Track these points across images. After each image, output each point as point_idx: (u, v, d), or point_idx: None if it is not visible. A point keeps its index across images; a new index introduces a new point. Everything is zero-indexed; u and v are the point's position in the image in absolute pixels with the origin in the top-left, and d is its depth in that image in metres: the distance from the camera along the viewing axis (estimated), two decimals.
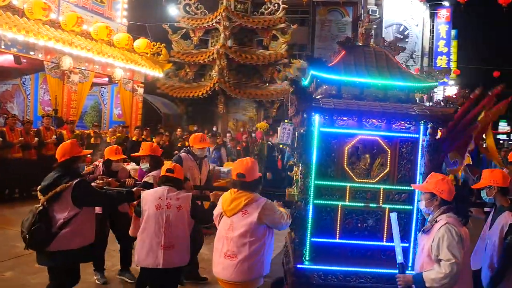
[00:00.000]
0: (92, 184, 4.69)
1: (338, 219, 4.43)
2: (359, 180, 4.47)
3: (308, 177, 4.43)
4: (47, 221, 3.99)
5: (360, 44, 5.14)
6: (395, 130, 4.49)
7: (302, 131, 4.51)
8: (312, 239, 4.37)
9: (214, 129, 17.09)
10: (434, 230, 3.38)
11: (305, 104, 4.27)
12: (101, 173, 5.63)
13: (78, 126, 13.80)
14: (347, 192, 4.45)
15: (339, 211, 4.44)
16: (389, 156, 4.51)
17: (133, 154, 6.20)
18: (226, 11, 17.63)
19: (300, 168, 4.67)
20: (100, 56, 13.05)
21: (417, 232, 4.23)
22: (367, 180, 4.48)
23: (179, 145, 11.38)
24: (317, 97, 4.51)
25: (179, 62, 18.84)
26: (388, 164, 4.51)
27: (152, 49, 16.00)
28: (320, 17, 29.33)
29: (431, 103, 4.87)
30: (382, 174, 4.50)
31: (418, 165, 4.49)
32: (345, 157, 4.47)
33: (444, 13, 32.82)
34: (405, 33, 30.73)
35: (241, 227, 3.67)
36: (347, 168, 4.47)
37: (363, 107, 4.36)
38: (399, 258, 3.58)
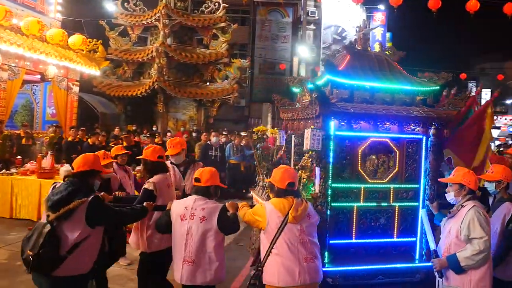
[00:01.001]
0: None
1: (354, 220, 4.61)
2: (372, 181, 4.72)
3: (327, 181, 4.53)
4: (55, 242, 3.44)
5: (360, 49, 5.33)
6: (403, 132, 4.78)
7: (321, 135, 4.50)
8: (330, 242, 4.52)
9: (154, 128, 16.80)
10: (461, 213, 3.71)
11: (327, 109, 4.36)
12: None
13: (8, 126, 13.06)
14: (362, 193, 4.66)
15: (355, 212, 4.63)
16: (397, 156, 4.81)
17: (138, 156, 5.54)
18: (166, 9, 17.36)
19: (318, 171, 4.65)
20: (31, 52, 12.41)
21: (423, 227, 4.54)
22: (379, 181, 4.72)
23: (111, 144, 11.03)
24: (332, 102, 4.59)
25: (117, 60, 18.33)
26: (397, 165, 4.81)
27: (88, 45, 15.42)
28: (261, 17, 29.56)
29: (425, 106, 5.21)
30: (392, 174, 4.78)
31: (423, 164, 4.84)
32: (359, 159, 4.67)
33: (379, 17, 33.98)
34: (343, 34, 31.52)
35: (311, 230, 3.79)
36: (361, 170, 4.68)
37: (379, 111, 4.61)
38: (432, 245, 4.00)
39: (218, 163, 11.15)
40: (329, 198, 4.50)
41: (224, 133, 16.17)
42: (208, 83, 18.82)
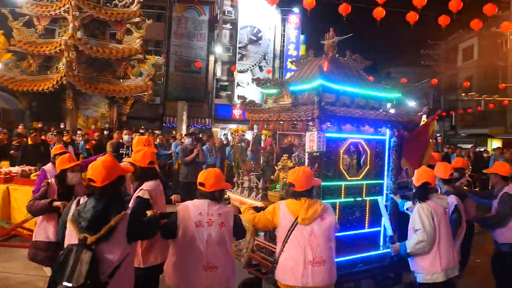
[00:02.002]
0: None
1: (337, 215, 4.87)
2: (350, 179, 5.13)
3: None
4: (97, 269, 2.95)
5: (330, 56, 5.62)
6: (373, 133, 5.25)
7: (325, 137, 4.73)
8: None
9: (62, 126, 15.91)
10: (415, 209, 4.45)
11: (324, 112, 4.60)
12: (55, 191, 4.65)
13: None
14: (342, 190, 5.05)
15: (337, 207, 4.98)
16: (368, 155, 5.28)
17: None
18: (76, 0, 16.50)
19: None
20: None
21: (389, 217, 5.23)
22: (355, 178, 5.17)
23: (14, 143, 10.32)
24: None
25: (21, 52, 17.13)
26: (368, 163, 5.28)
27: None
28: (177, 14, 29.17)
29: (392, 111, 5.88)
30: (364, 171, 5.25)
31: (386, 162, 5.44)
32: (341, 158, 5.05)
33: (294, 19, 34.88)
34: (259, 35, 31.99)
35: (324, 232, 3.78)
36: (342, 169, 5.07)
37: (364, 115, 5.07)
38: (389, 232, 4.77)
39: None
40: (321, 196, 4.74)
41: (141, 131, 15.73)
42: (121, 80, 18.20)
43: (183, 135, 13.43)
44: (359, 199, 5.16)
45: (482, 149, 21.84)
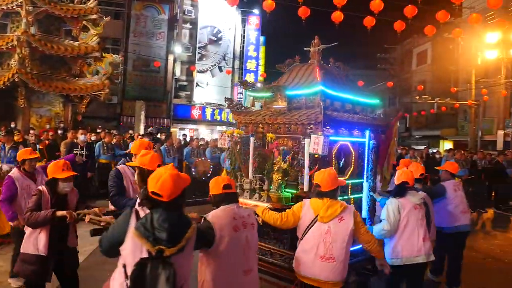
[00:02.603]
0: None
1: None
2: (340, 178, 5.12)
3: None
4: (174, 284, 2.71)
5: (321, 63, 5.95)
6: (357, 136, 5.54)
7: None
8: None
9: (13, 125, 15.31)
10: None
11: (327, 117, 4.96)
12: (49, 201, 4.30)
13: None
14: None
15: None
16: (353, 156, 5.61)
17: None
18: None
19: (307, 171, 5.00)
20: None
21: (368, 212, 5.74)
22: (343, 177, 5.28)
23: None
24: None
25: None
26: (353, 163, 5.61)
27: None
28: (136, 12, 28.71)
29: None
30: (350, 171, 5.59)
31: (365, 162, 5.78)
32: (333, 160, 5.29)
33: (254, 20, 35.05)
34: (219, 35, 31.93)
35: (340, 232, 4.01)
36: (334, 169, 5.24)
37: (355, 119, 5.52)
38: None
39: (84, 162, 10.55)
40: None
41: (98, 130, 15.34)
42: (76, 78, 17.69)
43: (140, 135, 13.22)
44: (346, 197, 5.48)
45: (434, 150, 22.62)
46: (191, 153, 13.45)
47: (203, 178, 13.30)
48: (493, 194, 15.48)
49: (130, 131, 20.06)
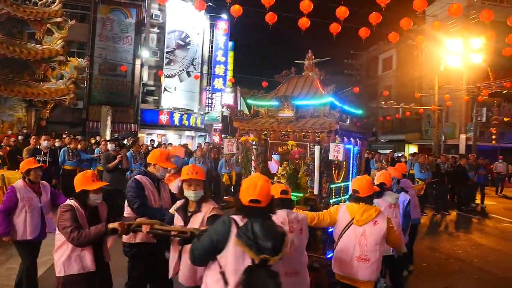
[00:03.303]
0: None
1: None
2: (336, 181, 5.94)
3: (330, 183, 5.70)
4: None
5: (316, 75, 6.40)
6: (347, 143, 5.95)
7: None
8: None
9: None
10: None
11: (341, 127, 5.56)
12: (83, 215, 3.92)
13: None
14: (334, 190, 5.85)
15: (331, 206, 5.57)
16: (345, 162, 6.05)
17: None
18: None
19: (317, 176, 5.58)
20: None
21: None
22: (338, 181, 5.96)
23: None
24: None
25: None
26: (344, 168, 6.10)
27: None
28: (102, 15, 28.28)
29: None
30: (342, 175, 6.08)
31: (351, 166, 6.30)
32: (333, 165, 5.71)
33: (222, 25, 34.99)
34: (187, 40, 31.77)
35: (374, 235, 4.26)
36: (333, 173, 5.83)
37: (357, 128, 6.34)
38: None
39: (48, 169, 10.26)
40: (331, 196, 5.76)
41: (64, 136, 14.99)
42: (40, 82, 17.29)
43: (105, 141, 12.99)
44: (339, 198, 5.94)
45: (400, 154, 23.10)
46: None
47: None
48: (455, 196, 15.94)
49: (98, 137, 19.69)
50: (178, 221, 3.94)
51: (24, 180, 5.23)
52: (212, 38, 35.14)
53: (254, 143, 5.99)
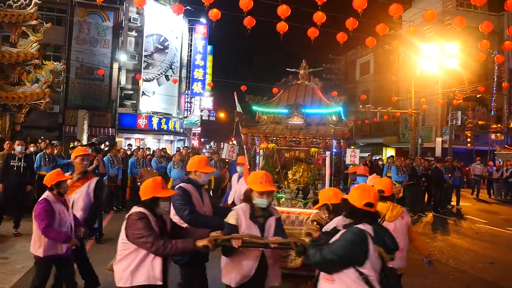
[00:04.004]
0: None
1: None
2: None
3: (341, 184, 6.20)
4: None
5: (317, 85, 6.76)
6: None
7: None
8: None
9: None
10: None
11: (351, 134, 5.83)
12: (156, 224, 3.72)
13: None
14: None
15: None
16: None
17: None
18: None
19: (328, 178, 5.87)
20: None
21: None
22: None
23: None
24: None
25: None
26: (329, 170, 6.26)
27: None
28: (79, 18, 27.92)
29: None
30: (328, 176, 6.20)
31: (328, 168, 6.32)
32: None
33: (201, 29, 35.01)
34: (165, 44, 31.63)
35: (403, 228, 4.94)
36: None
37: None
38: None
39: (22, 174, 10.06)
40: None
41: (39, 141, 14.73)
42: (15, 86, 16.96)
43: (81, 145, 12.83)
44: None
45: (377, 157, 23.38)
46: (136, 163, 13.20)
47: None
48: (432, 198, 16.20)
49: (76, 142, 19.42)
50: (252, 229, 3.88)
51: (52, 193, 4.96)
52: (191, 42, 35.07)
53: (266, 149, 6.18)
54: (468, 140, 30.22)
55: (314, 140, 5.91)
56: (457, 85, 27.93)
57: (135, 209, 3.76)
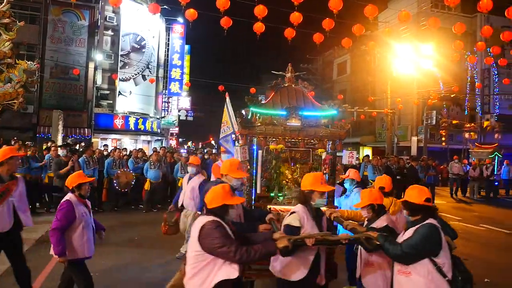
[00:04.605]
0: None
1: None
2: None
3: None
4: None
5: (306, 89, 6.86)
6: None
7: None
8: None
9: None
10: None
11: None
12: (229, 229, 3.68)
13: None
14: None
15: None
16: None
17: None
18: None
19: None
20: None
21: None
22: None
23: None
24: None
25: None
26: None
27: None
28: (53, 17, 27.38)
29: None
30: None
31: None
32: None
33: (178, 29, 34.81)
34: (142, 43, 31.33)
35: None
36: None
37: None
38: None
39: None
40: None
41: (12, 142, 14.43)
42: None
43: (56, 146, 12.60)
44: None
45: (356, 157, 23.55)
46: (112, 164, 13.04)
47: (126, 190, 12.96)
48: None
49: (48, 142, 19.10)
50: (314, 228, 4.05)
51: (74, 194, 4.90)
52: (168, 41, 34.85)
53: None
54: (443, 139, 30.77)
55: (311, 141, 6.16)
56: (432, 85, 28.43)
57: (206, 218, 3.61)
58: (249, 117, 6.10)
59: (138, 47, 31.08)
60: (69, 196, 4.87)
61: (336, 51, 42.11)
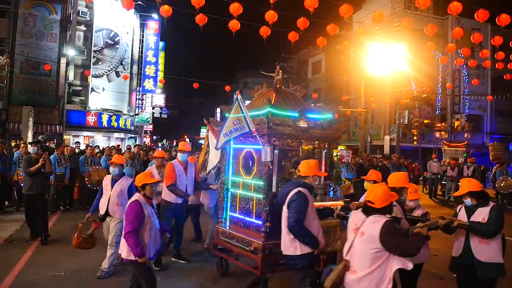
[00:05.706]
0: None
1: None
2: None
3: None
4: None
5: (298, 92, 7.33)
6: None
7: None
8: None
9: None
10: None
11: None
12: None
13: None
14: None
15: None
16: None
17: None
18: None
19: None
20: None
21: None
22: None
23: None
24: None
25: None
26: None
27: None
28: (24, 11, 26.76)
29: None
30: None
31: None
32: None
33: (153, 25, 34.48)
34: (116, 39, 30.92)
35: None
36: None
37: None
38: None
39: None
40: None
41: None
42: None
43: (25, 143, 12.29)
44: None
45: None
46: (84, 162, 12.83)
47: (97, 188, 12.74)
48: None
49: (18, 139, 18.65)
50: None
51: (142, 194, 4.83)
52: (143, 37, 34.49)
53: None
54: (415, 138, 31.32)
55: (313, 141, 6.59)
56: (405, 85, 28.90)
57: (381, 218, 3.69)
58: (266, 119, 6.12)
59: (112, 43, 30.66)
60: (137, 196, 4.81)
61: (311, 50, 42.38)
